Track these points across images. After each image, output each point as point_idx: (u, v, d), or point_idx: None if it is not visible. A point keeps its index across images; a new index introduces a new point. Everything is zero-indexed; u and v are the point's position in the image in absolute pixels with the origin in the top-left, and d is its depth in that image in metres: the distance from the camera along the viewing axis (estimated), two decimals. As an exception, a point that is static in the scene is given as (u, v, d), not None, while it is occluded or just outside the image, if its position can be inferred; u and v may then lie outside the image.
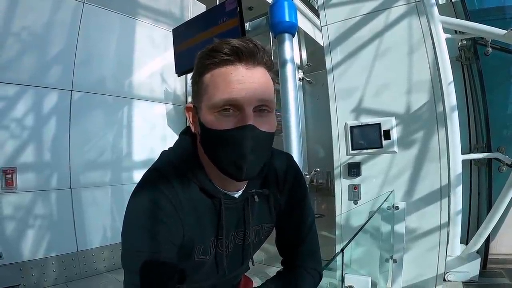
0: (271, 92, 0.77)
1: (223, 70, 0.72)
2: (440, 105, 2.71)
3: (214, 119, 0.73)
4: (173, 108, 5.53)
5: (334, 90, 3.08)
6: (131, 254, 0.75)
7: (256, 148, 0.73)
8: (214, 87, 0.72)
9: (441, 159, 2.69)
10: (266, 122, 0.75)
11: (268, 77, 0.77)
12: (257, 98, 0.72)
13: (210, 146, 0.78)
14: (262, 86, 0.73)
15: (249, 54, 0.71)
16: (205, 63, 0.74)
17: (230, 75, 0.71)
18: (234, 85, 0.70)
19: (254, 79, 0.72)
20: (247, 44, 0.71)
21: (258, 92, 0.72)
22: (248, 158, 0.73)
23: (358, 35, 3.02)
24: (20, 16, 3.89)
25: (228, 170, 0.76)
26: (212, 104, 0.72)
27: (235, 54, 0.71)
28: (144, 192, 0.79)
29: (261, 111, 0.74)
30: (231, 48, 0.70)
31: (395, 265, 2.79)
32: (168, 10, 5.56)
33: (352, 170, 2.97)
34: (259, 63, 0.74)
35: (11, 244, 3.72)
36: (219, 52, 0.71)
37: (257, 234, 0.98)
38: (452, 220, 2.83)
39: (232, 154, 0.73)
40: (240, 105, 0.71)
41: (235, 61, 0.71)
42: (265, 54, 0.74)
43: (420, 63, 2.78)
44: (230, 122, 0.72)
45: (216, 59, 0.72)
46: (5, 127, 3.78)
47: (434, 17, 2.80)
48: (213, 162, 0.78)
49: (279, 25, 3.58)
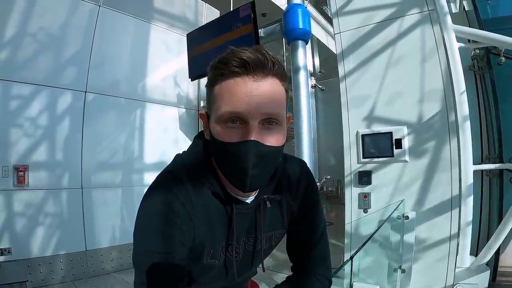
0: (281, 104, 0.75)
1: (231, 82, 0.71)
2: (452, 114, 2.69)
3: (221, 130, 0.74)
4: (185, 112, 5.57)
5: (346, 98, 3.08)
6: (142, 255, 0.76)
7: (258, 164, 0.73)
8: (221, 98, 0.72)
9: (453, 169, 2.66)
10: (272, 136, 0.74)
11: (279, 88, 0.76)
12: (263, 111, 0.71)
13: (217, 156, 0.79)
14: (269, 98, 0.72)
15: (257, 66, 0.70)
16: (214, 75, 0.74)
17: (236, 87, 0.70)
18: (239, 98, 0.70)
19: (262, 92, 0.71)
20: (255, 56, 0.70)
21: (264, 105, 0.71)
22: (249, 173, 0.73)
23: (371, 43, 3.01)
24: (37, 16, 3.97)
25: (233, 182, 0.77)
26: (219, 116, 0.73)
27: (242, 67, 0.70)
28: (157, 194, 0.80)
29: (269, 123, 0.74)
30: (238, 60, 0.70)
31: (404, 275, 2.77)
32: (183, 15, 5.62)
33: (362, 178, 2.96)
34: (268, 74, 0.72)
35: (20, 241, 3.77)
36: (227, 64, 0.71)
37: (269, 240, 0.98)
38: (462, 231, 2.79)
39: (235, 168, 0.74)
40: (244, 118, 0.71)
41: (242, 73, 0.70)
42: (275, 65, 0.73)
43: (433, 72, 2.77)
44: (235, 135, 0.72)
45: (224, 70, 0.72)
46: (19, 126, 3.84)
47: (447, 26, 2.78)
48: (220, 171, 0.80)
49: (292, 32, 3.59)
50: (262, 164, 0.74)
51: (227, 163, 0.76)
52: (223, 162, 0.77)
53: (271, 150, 0.74)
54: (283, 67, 0.75)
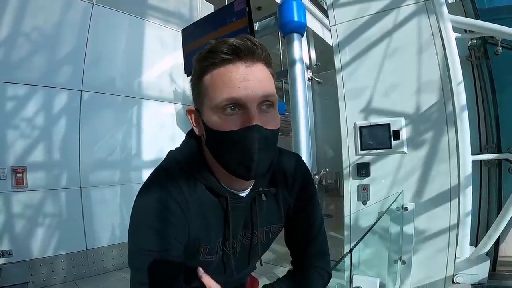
0: (272, 87, 0.77)
1: (222, 69, 0.71)
2: (450, 105, 2.69)
3: (218, 120, 0.72)
4: (182, 108, 5.56)
5: (343, 90, 3.07)
6: (137, 253, 0.76)
7: (263, 148, 0.73)
8: (215, 87, 0.72)
9: (451, 159, 2.66)
10: (271, 119, 0.75)
11: (268, 73, 0.76)
12: (260, 94, 0.71)
13: (216, 148, 0.78)
14: (263, 82, 0.73)
15: (248, 51, 0.71)
16: (204, 65, 0.73)
17: (230, 74, 0.70)
18: (235, 84, 0.70)
19: (255, 76, 0.71)
20: (245, 42, 0.70)
21: (260, 88, 0.71)
22: (256, 158, 0.73)
23: (367, 34, 3.00)
24: (30, 16, 3.94)
25: (237, 171, 0.76)
26: (215, 105, 0.72)
27: (234, 53, 0.70)
28: (151, 191, 0.79)
29: (266, 107, 0.74)
30: (229, 47, 0.69)
31: (404, 266, 2.78)
32: (177, 11, 5.60)
33: (361, 170, 2.96)
34: (258, 60, 0.73)
35: (20, 242, 3.77)
36: (217, 52, 0.70)
37: (266, 235, 0.98)
38: (461, 221, 2.80)
39: (240, 155, 0.73)
40: (243, 103, 0.70)
41: (234, 59, 0.70)
42: (264, 51, 0.74)
43: (430, 62, 2.75)
44: (235, 122, 0.71)
45: (215, 59, 0.71)
46: (16, 127, 3.83)
47: (443, 16, 2.77)
48: (220, 163, 0.78)
49: (288, 25, 3.58)
50: (266, 148, 0.74)
51: (229, 153, 0.74)
52: (224, 153, 0.76)
53: (273, 133, 0.75)
54: (268, 53, 0.76)
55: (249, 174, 0.75)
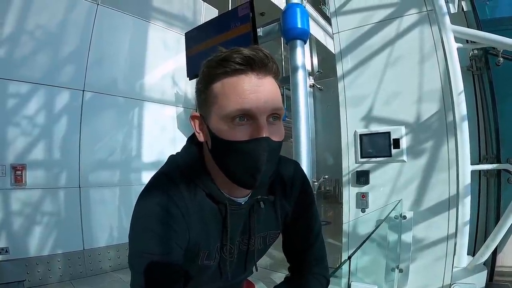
0: (280, 100, 0.78)
1: (234, 79, 0.71)
2: (450, 114, 2.70)
3: (227, 129, 0.73)
4: (183, 111, 5.57)
5: (345, 98, 3.08)
6: (138, 256, 0.76)
7: (270, 159, 0.74)
8: (226, 96, 0.72)
9: (450, 169, 2.67)
10: (277, 132, 0.76)
11: (277, 85, 0.77)
12: (270, 107, 0.72)
13: (221, 156, 0.78)
14: (273, 94, 0.73)
15: (261, 63, 0.71)
16: (215, 72, 0.73)
17: (242, 85, 0.71)
18: (247, 95, 0.70)
19: (266, 88, 0.72)
20: (258, 54, 0.71)
21: (270, 101, 0.72)
22: (262, 169, 0.74)
23: (369, 43, 3.01)
24: (35, 14, 3.96)
25: (242, 180, 0.77)
26: (225, 114, 0.72)
27: (247, 64, 0.70)
28: (151, 196, 0.80)
29: (273, 119, 0.75)
30: (243, 57, 0.70)
31: (401, 274, 2.77)
32: (181, 14, 5.62)
33: (360, 178, 2.96)
34: (269, 72, 0.74)
35: (18, 240, 3.76)
36: (230, 61, 0.70)
37: (263, 241, 0.99)
38: (459, 231, 2.80)
39: (247, 165, 0.74)
40: (253, 115, 0.71)
41: (247, 70, 0.71)
42: (274, 63, 0.74)
43: (431, 72, 2.77)
44: (244, 132, 0.72)
45: (227, 68, 0.71)
46: (17, 124, 3.84)
47: (445, 26, 2.78)
48: (224, 171, 0.79)
49: (291, 31, 3.59)
50: (272, 160, 0.76)
51: (237, 163, 0.75)
52: (231, 162, 0.76)
53: (278, 145, 0.77)
54: (278, 66, 0.77)
55: (253, 184, 0.76)
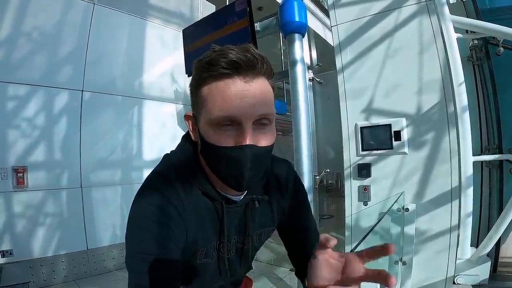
0: (271, 104, 0.76)
1: (221, 84, 0.70)
2: (451, 105, 2.68)
3: (213, 133, 0.73)
4: (183, 108, 5.56)
5: (344, 91, 3.06)
6: (135, 256, 0.76)
7: (254, 166, 0.73)
8: (212, 101, 0.71)
9: (452, 160, 2.66)
10: (265, 136, 0.75)
11: (268, 87, 0.76)
12: (256, 113, 0.71)
13: (209, 158, 0.79)
14: (261, 99, 0.72)
15: (247, 66, 0.69)
16: (203, 76, 0.73)
17: (228, 90, 0.69)
18: (232, 101, 0.69)
19: (253, 93, 0.70)
20: (245, 56, 0.69)
21: (256, 106, 0.71)
22: (246, 176, 0.73)
23: (368, 35, 2.99)
24: (31, 16, 3.94)
25: (228, 183, 0.77)
26: (210, 120, 0.72)
27: (233, 68, 0.69)
28: (147, 196, 0.80)
29: (261, 124, 0.73)
30: (228, 61, 0.68)
31: (404, 267, 2.77)
32: (178, 11, 5.60)
33: (362, 171, 2.95)
34: (258, 74, 0.72)
35: (21, 242, 3.78)
36: (216, 65, 0.69)
37: (258, 238, 1.00)
38: (462, 222, 2.79)
39: (231, 170, 0.74)
40: (238, 121, 0.70)
41: (233, 74, 0.69)
42: (264, 64, 0.72)
43: (431, 63, 2.75)
44: (229, 138, 0.72)
45: (213, 72, 0.70)
46: (17, 127, 3.84)
47: (445, 17, 2.76)
48: (213, 172, 0.80)
49: (289, 25, 3.56)
50: (258, 165, 0.75)
51: (222, 166, 0.75)
52: (217, 165, 0.77)
53: (266, 150, 0.75)
54: (270, 65, 0.75)
55: (239, 188, 0.77)
